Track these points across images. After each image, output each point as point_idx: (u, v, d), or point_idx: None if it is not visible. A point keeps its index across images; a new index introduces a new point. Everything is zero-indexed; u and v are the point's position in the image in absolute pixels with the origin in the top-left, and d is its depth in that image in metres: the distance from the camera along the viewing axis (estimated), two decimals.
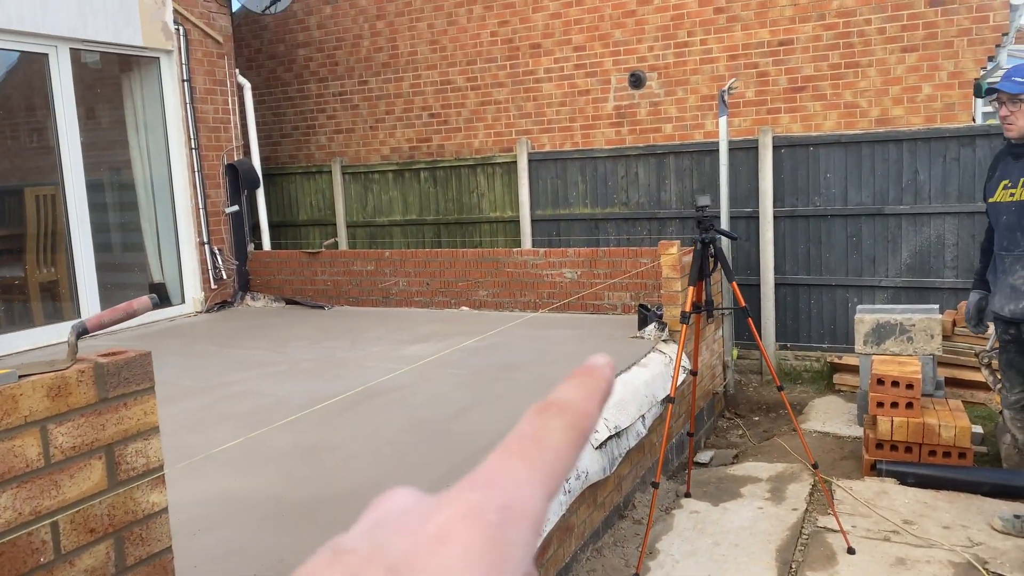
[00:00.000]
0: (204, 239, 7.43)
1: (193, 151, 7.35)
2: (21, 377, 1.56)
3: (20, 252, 6.36)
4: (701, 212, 4.04)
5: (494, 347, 5.39)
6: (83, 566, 1.67)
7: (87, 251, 6.51)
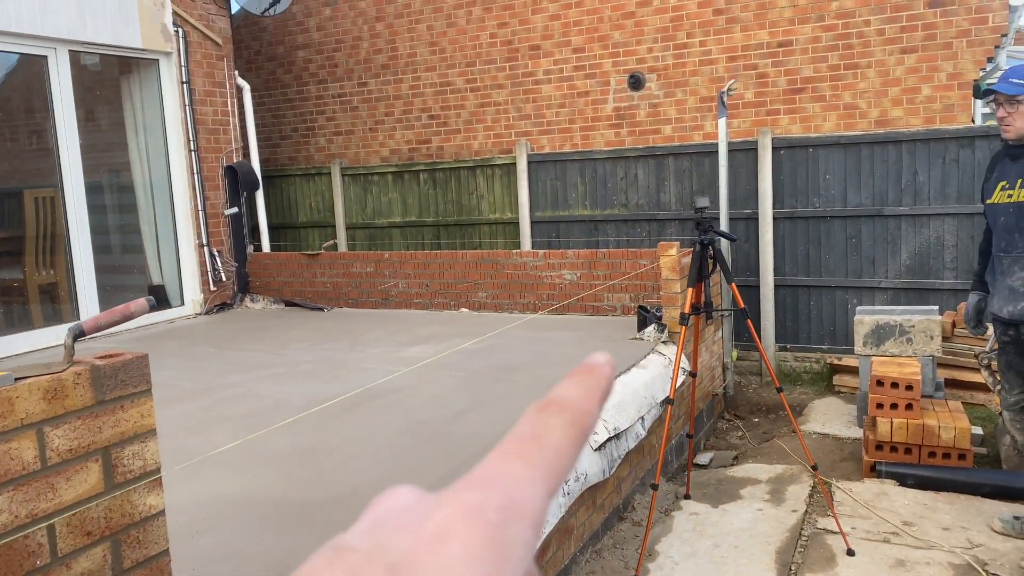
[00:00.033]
0: (203, 241, 7.43)
1: (192, 153, 7.35)
2: (17, 380, 1.55)
3: (19, 254, 6.36)
4: (700, 214, 4.04)
5: (493, 349, 5.38)
6: (80, 569, 1.66)
7: (86, 253, 6.51)
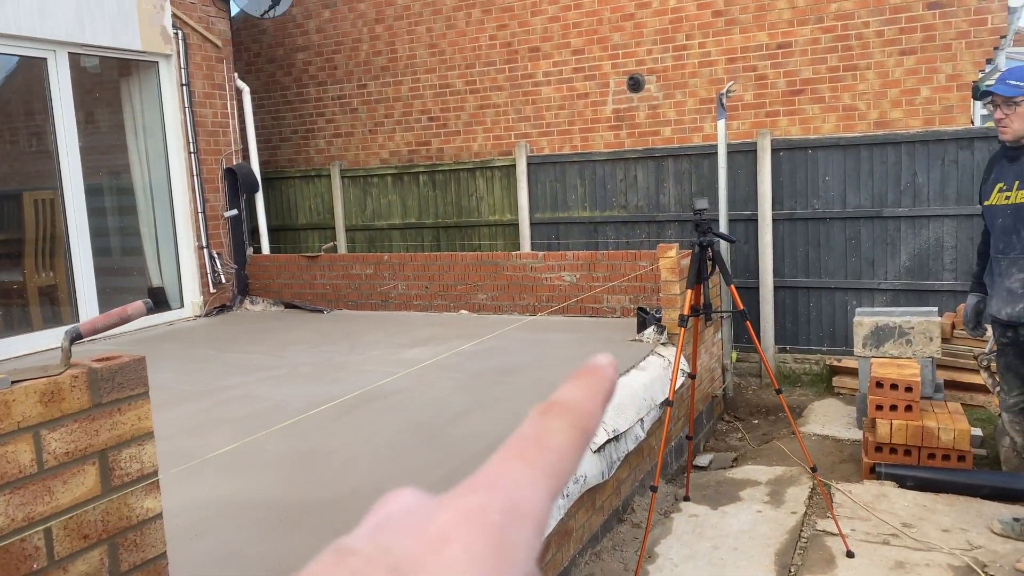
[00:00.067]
0: (203, 243, 7.43)
1: (192, 155, 7.35)
2: (14, 383, 1.55)
3: (19, 256, 6.36)
4: (699, 215, 4.04)
5: (493, 351, 5.38)
6: (77, 572, 1.66)
7: (86, 255, 6.51)
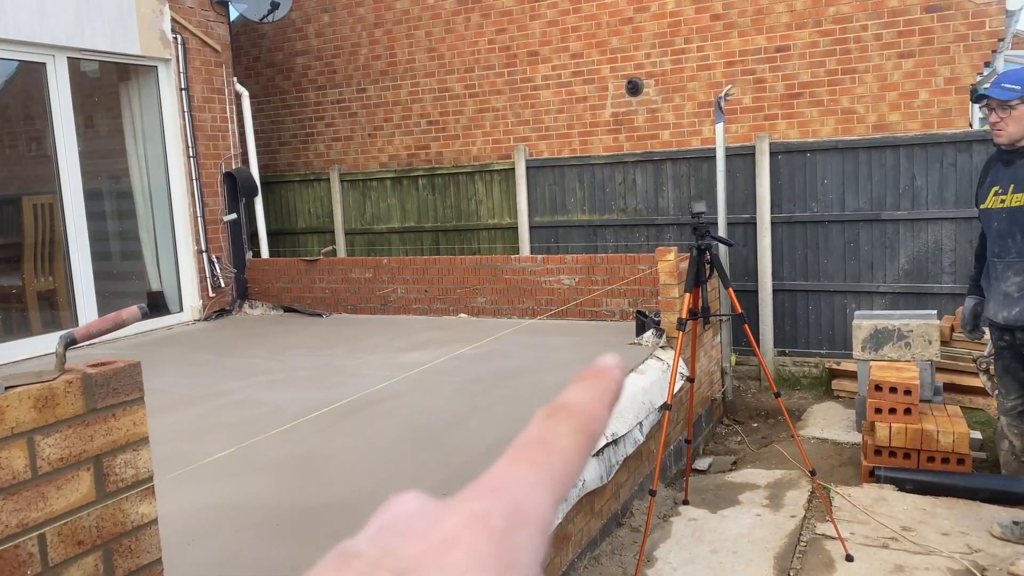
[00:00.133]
0: (202, 247, 7.43)
1: (191, 159, 7.35)
2: (8, 388, 1.55)
3: (18, 261, 6.36)
4: (697, 219, 4.04)
5: (492, 354, 5.38)
6: None
7: (85, 260, 6.51)
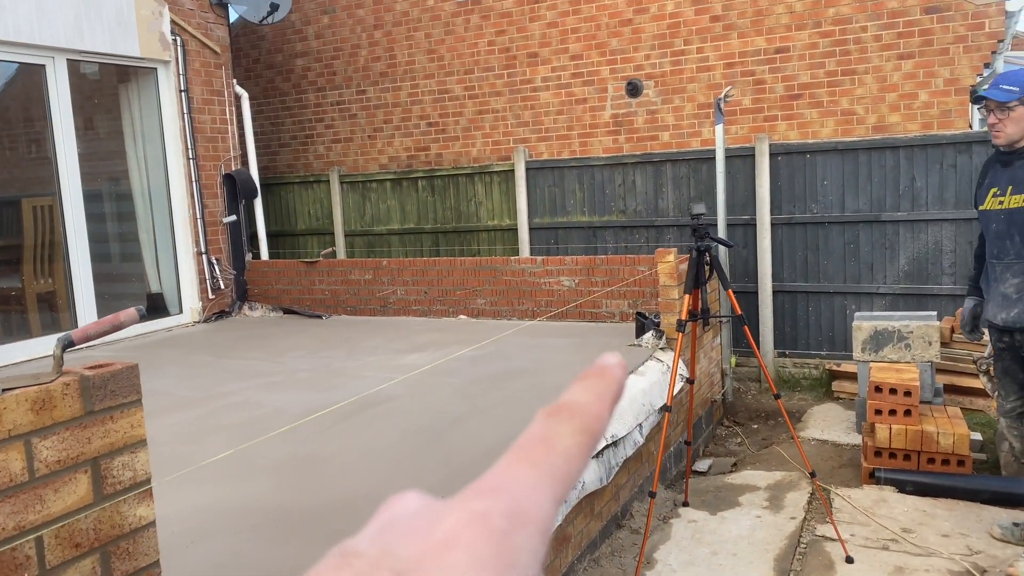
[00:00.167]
0: (202, 249, 7.43)
1: (191, 161, 7.35)
2: (5, 390, 1.55)
3: (17, 263, 6.36)
4: (696, 220, 4.04)
5: (491, 356, 5.37)
6: None
7: (84, 261, 6.51)
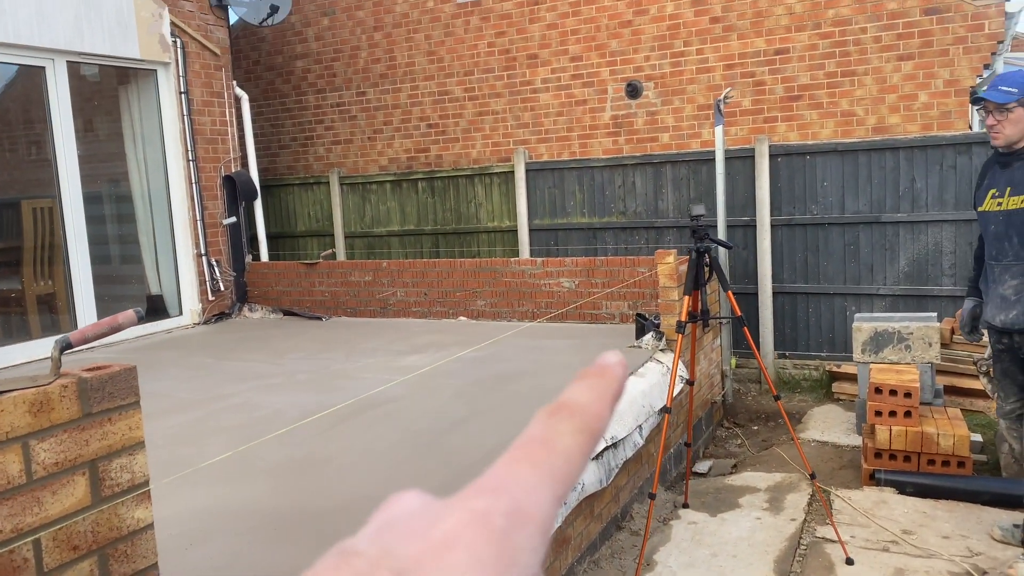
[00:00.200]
0: (202, 251, 7.43)
1: (190, 163, 7.35)
2: (2, 393, 1.54)
3: (17, 265, 6.36)
4: (696, 221, 4.03)
5: (491, 357, 5.37)
6: None
7: (84, 263, 6.51)
